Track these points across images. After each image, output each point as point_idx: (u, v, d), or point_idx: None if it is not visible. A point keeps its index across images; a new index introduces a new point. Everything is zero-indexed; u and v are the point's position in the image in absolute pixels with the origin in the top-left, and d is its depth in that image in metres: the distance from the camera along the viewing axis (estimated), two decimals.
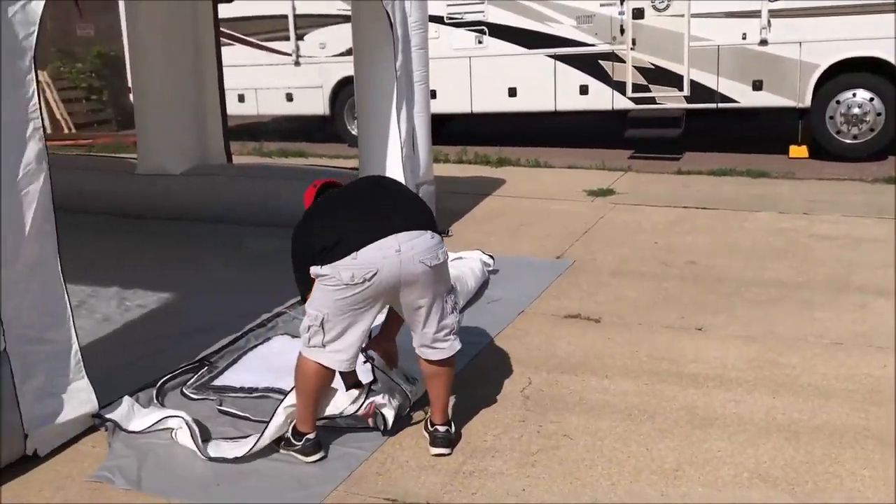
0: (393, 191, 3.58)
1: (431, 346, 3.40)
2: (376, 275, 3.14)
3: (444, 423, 3.48)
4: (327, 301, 3.22)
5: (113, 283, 5.63)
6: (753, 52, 9.53)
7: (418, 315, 3.33)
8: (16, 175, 3.31)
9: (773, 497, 3.06)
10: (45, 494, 3.24)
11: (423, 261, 3.19)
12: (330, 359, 3.30)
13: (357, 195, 3.45)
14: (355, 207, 3.35)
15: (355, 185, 3.59)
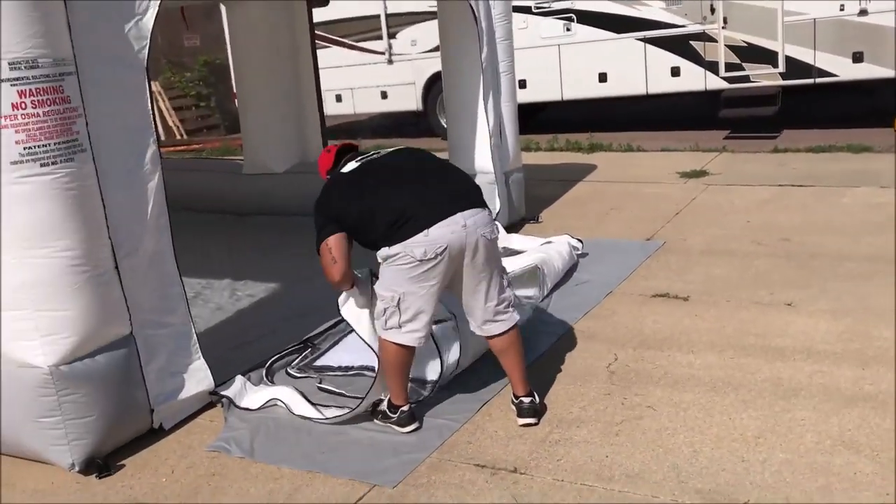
0: (441, 167, 3.74)
1: (494, 320, 3.59)
2: (446, 249, 3.35)
3: (528, 394, 3.65)
4: (400, 280, 3.41)
5: (225, 276, 6.05)
6: (853, 24, 9.24)
7: (480, 289, 3.52)
8: (136, 175, 3.67)
9: (855, 463, 3.11)
10: (171, 462, 3.60)
11: (484, 234, 3.43)
12: (408, 338, 3.51)
13: (405, 171, 3.60)
14: (413, 185, 3.51)
15: (395, 160, 3.68)
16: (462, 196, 3.51)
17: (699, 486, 3.05)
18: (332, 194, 3.64)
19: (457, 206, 3.42)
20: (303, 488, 3.29)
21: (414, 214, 3.38)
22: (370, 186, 3.54)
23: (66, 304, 3.37)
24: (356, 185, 3.57)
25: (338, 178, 3.68)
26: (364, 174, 3.61)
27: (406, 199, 3.45)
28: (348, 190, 3.58)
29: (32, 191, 3.25)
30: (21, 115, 3.21)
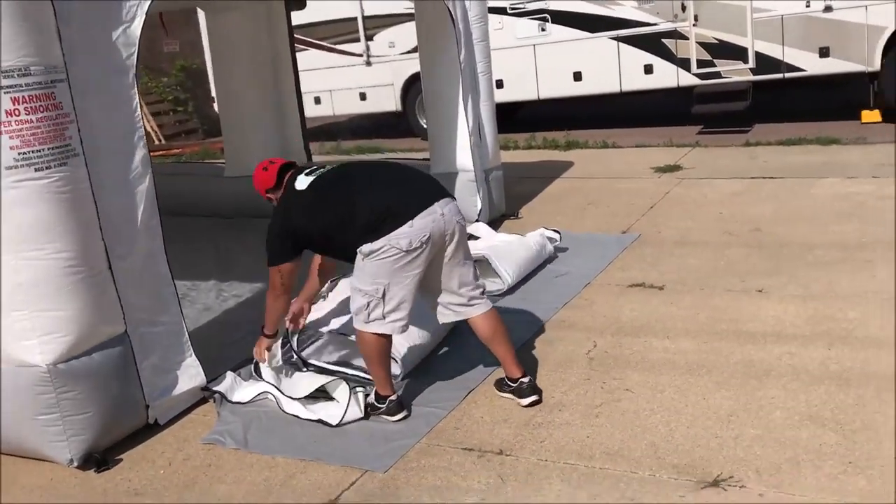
0: (401, 169, 3.90)
1: (470, 304, 3.81)
2: (429, 238, 3.56)
3: (524, 374, 3.84)
4: (384, 272, 3.57)
5: (210, 277, 6.16)
6: (818, 19, 9.49)
7: (456, 273, 3.73)
8: (126, 177, 3.78)
9: (821, 435, 3.28)
10: (167, 455, 3.72)
11: (458, 221, 3.70)
12: (391, 327, 3.67)
13: (371, 177, 3.80)
14: (387, 186, 3.71)
15: (354, 172, 3.89)
16: (433, 190, 3.74)
17: (675, 462, 3.21)
18: (293, 212, 3.80)
19: (433, 199, 3.65)
20: (297, 475, 3.42)
21: (397, 209, 3.57)
22: (338, 196, 3.70)
23: (62, 304, 3.48)
24: (320, 199, 3.74)
25: (296, 195, 3.81)
26: (325, 188, 3.77)
27: (385, 196, 3.65)
28: (315, 203, 3.74)
29: (27, 195, 3.36)
30: (15, 121, 3.32)
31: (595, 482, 3.14)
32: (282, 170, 3.97)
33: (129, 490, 3.47)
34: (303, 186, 3.80)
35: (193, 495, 3.37)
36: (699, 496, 2.98)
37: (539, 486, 3.16)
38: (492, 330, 3.83)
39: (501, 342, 3.85)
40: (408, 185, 3.75)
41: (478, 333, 3.89)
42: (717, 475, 3.08)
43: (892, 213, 6.09)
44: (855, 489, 2.93)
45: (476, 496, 3.14)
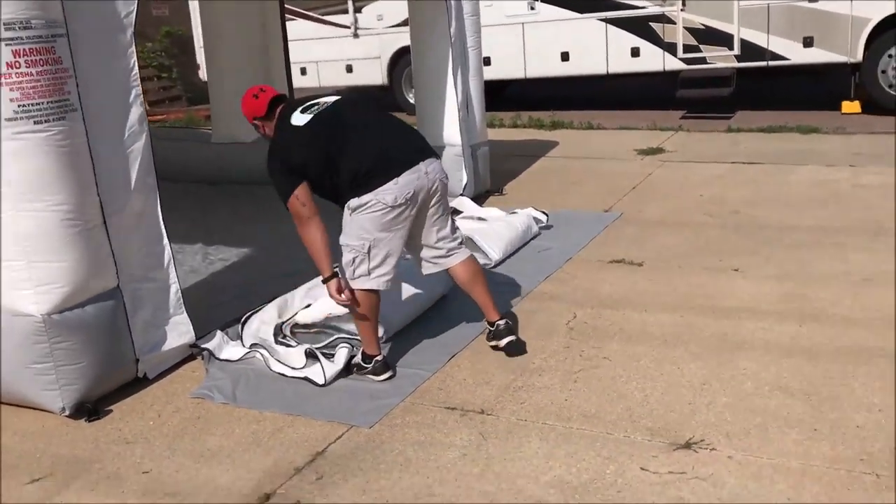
0: (391, 122, 3.97)
1: (449, 255, 4.00)
2: (414, 194, 3.72)
3: (500, 318, 4.07)
4: (371, 227, 3.70)
5: (197, 241, 6.21)
6: (804, 9, 9.63)
7: (436, 226, 3.92)
8: (122, 135, 3.84)
9: (789, 405, 3.44)
10: (157, 407, 3.81)
11: (440, 179, 3.86)
12: (376, 283, 3.79)
13: (364, 124, 3.83)
14: (376, 138, 3.79)
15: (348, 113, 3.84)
16: (420, 148, 3.88)
17: (649, 425, 3.35)
18: (293, 150, 3.80)
19: (418, 157, 3.80)
20: (285, 429, 3.52)
21: (383, 164, 3.70)
22: (331, 138, 3.74)
23: (58, 255, 3.55)
24: (317, 136, 3.75)
25: (293, 131, 3.80)
26: (321, 126, 3.77)
27: (373, 150, 3.74)
28: (312, 141, 3.75)
29: (27, 146, 3.41)
30: (15, 73, 3.37)
31: (572, 441, 3.27)
32: (273, 101, 3.95)
33: (119, 439, 3.56)
34: (300, 123, 3.79)
35: (183, 445, 3.46)
36: (671, 457, 3.12)
37: (518, 443, 3.28)
38: (470, 275, 4.03)
39: (480, 288, 4.06)
40: (396, 139, 3.85)
41: (457, 280, 4.08)
42: (688, 438, 3.23)
43: (865, 200, 6.27)
44: (819, 454, 3.08)
45: (458, 451, 3.26)
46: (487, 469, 3.12)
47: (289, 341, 4.31)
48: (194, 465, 3.31)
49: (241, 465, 3.29)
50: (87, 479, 3.26)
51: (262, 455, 3.34)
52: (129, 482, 3.22)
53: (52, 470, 3.34)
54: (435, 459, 3.21)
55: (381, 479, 3.11)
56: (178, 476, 3.24)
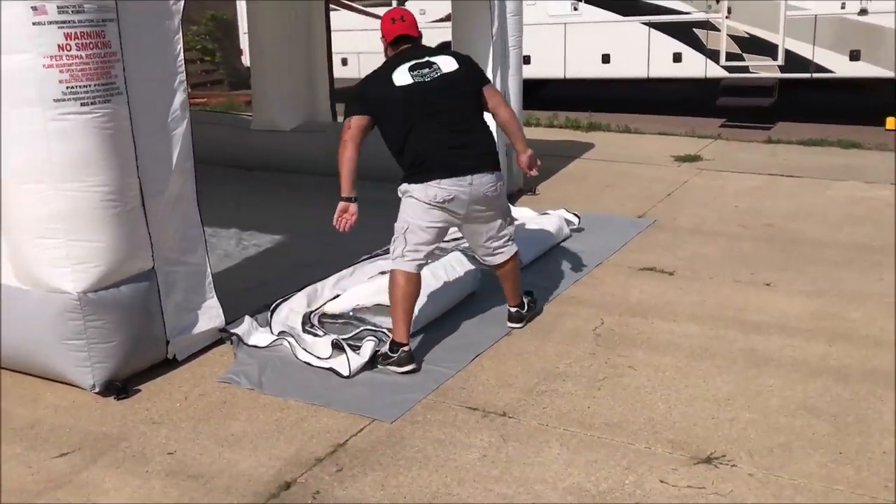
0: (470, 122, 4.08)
1: (494, 254, 4.28)
2: (454, 199, 3.95)
3: (516, 305, 4.42)
4: (411, 214, 3.99)
5: (231, 226, 6.28)
6: (852, 22, 9.48)
7: (481, 232, 4.18)
8: (165, 119, 3.90)
9: (814, 425, 3.41)
10: (184, 389, 3.87)
11: (485, 192, 4.02)
12: (409, 265, 4.00)
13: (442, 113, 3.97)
14: (443, 133, 3.96)
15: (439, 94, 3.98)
16: (479, 156, 4.05)
17: (671, 437, 3.34)
18: (376, 93, 4.02)
19: (469, 169, 3.97)
20: (308, 418, 3.57)
21: (438, 162, 3.94)
22: (413, 115, 3.96)
23: (96, 235, 3.62)
24: (405, 105, 3.96)
25: (388, 84, 3.98)
26: (411, 98, 3.96)
27: (438, 145, 3.96)
28: (397, 105, 3.97)
29: (73, 127, 3.48)
30: (66, 56, 3.44)
31: (593, 449, 3.28)
32: (400, 38, 4.14)
33: (146, 419, 3.62)
34: (399, 81, 3.98)
35: (208, 428, 3.52)
36: (691, 471, 3.12)
37: (539, 448, 3.30)
38: (504, 271, 4.35)
39: (508, 280, 4.38)
40: (463, 142, 4.00)
41: (494, 271, 4.39)
42: (710, 453, 3.22)
43: None
44: (843, 478, 3.05)
45: (478, 452, 3.28)
46: (506, 472, 3.14)
47: (316, 330, 4.36)
48: (217, 449, 3.36)
49: (263, 451, 3.33)
50: (114, 457, 3.33)
51: (284, 443, 3.39)
52: (153, 462, 3.29)
53: (81, 445, 3.42)
54: (454, 459, 3.24)
55: (399, 475, 3.14)
56: (201, 459, 3.30)
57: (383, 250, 5.51)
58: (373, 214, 4.21)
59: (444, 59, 4.10)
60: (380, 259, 5.35)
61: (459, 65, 4.10)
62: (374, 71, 4.17)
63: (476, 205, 4.02)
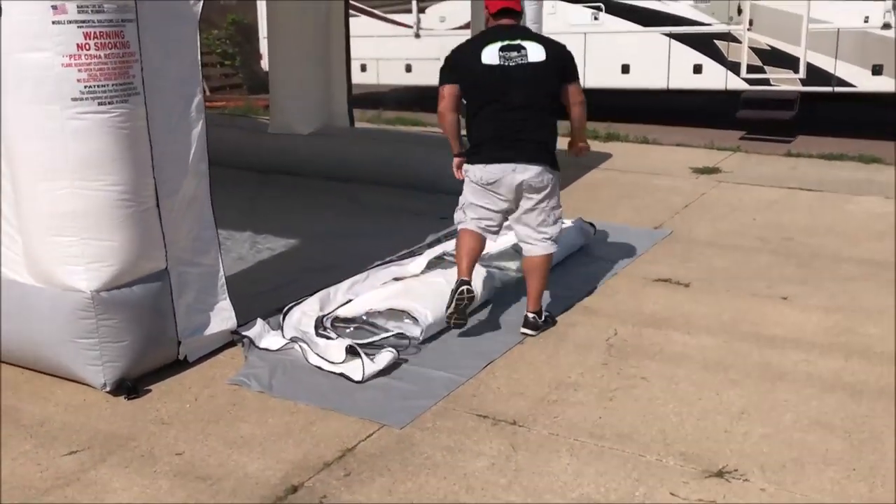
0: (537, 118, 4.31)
1: (530, 244, 4.46)
2: (496, 183, 4.30)
3: (534, 311, 4.46)
4: (468, 190, 4.44)
5: (246, 229, 6.29)
6: (875, 36, 9.41)
7: (523, 218, 4.42)
8: (180, 121, 3.91)
9: (828, 441, 3.36)
10: (194, 391, 3.87)
11: (529, 182, 4.30)
12: (471, 224, 4.42)
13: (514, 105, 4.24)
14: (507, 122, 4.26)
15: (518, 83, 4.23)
16: (526, 150, 4.30)
17: (683, 450, 3.31)
18: (465, 67, 4.30)
19: (515, 158, 4.27)
20: (317, 422, 3.56)
21: (488, 147, 4.30)
22: (489, 99, 4.28)
23: (110, 234, 3.64)
24: (485, 85, 4.28)
25: (476, 61, 4.24)
26: (492, 80, 4.24)
27: (500, 132, 4.28)
28: (478, 83, 4.29)
29: (90, 126, 3.50)
30: (85, 55, 3.46)
31: (603, 460, 3.24)
32: (502, 11, 4.36)
33: (155, 419, 3.62)
34: (486, 60, 4.24)
35: (217, 430, 3.51)
36: (702, 484, 3.08)
37: (549, 457, 3.27)
38: (531, 268, 4.49)
39: (532, 279, 4.48)
40: (523, 134, 4.27)
41: (523, 265, 4.57)
42: (722, 467, 3.17)
43: None
44: (856, 494, 3.01)
45: (487, 460, 3.25)
46: (515, 481, 3.11)
47: (329, 334, 4.35)
48: (226, 451, 3.35)
49: (271, 454, 3.32)
50: (122, 456, 3.33)
51: (292, 446, 3.38)
52: (161, 462, 3.28)
53: (90, 444, 3.42)
54: (463, 466, 3.21)
55: (407, 482, 3.12)
56: (209, 460, 3.29)
57: (397, 256, 5.55)
58: (386, 221, 4.19)
59: (534, 47, 4.28)
60: (393, 265, 5.35)
61: (547, 56, 4.28)
62: (469, 40, 4.52)
63: (519, 193, 4.31)
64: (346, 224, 6.58)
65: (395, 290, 4.68)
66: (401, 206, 6.95)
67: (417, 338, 4.27)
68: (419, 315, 4.30)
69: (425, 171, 7.33)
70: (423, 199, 7.04)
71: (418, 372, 3.99)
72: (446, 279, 4.65)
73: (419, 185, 7.31)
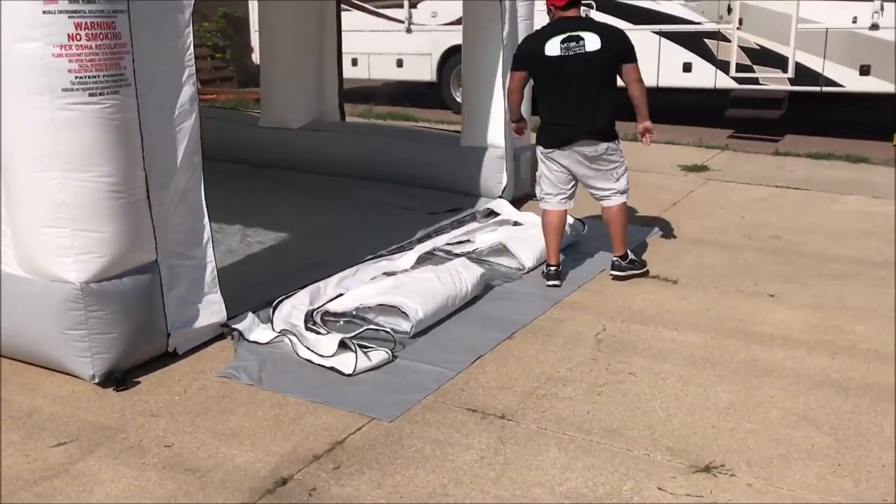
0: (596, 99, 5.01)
1: (600, 200, 5.27)
2: (565, 160, 5.09)
3: (620, 255, 5.19)
4: (541, 166, 5.20)
5: (236, 222, 6.28)
6: (863, 37, 9.46)
7: (590, 180, 5.19)
8: (172, 113, 3.90)
9: (814, 437, 3.39)
10: (183, 383, 3.87)
11: (589, 154, 5.08)
12: (546, 203, 5.21)
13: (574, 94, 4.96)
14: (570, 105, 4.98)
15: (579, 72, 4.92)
16: (584, 131, 5.02)
17: (670, 445, 3.33)
18: (530, 57, 5.06)
19: (575, 140, 5.03)
20: (306, 415, 3.56)
21: (557, 129, 5.05)
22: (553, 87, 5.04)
23: (101, 226, 3.63)
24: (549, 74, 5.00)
25: (540, 52, 4.94)
26: (555, 70, 4.95)
27: (556, 114, 5.05)
28: (544, 71, 5.03)
29: (80, 118, 3.49)
30: (76, 45, 3.44)
31: (591, 454, 3.26)
32: (568, 4, 4.97)
33: (144, 411, 3.62)
34: (550, 52, 4.92)
35: (206, 422, 3.52)
36: (690, 479, 3.10)
37: (537, 451, 3.28)
38: (610, 216, 5.23)
39: (613, 227, 5.22)
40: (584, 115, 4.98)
41: (603, 215, 5.30)
42: (709, 462, 3.20)
43: None
44: (841, 490, 3.04)
45: (475, 454, 3.27)
46: (503, 475, 3.13)
47: (319, 329, 4.36)
48: (215, 444, 3.36)
49: (260, 447, 3.33)
50: (111, 448, 3.33)
51: (282, 439, 3.38)
52: (150, 454, 3.28)
53: (78, 435, 3.41)
54: (452, 460, 3.23)
55: (396, 475, 3.14)
56: (198, 453, 3.29)
57: (388, 251, 5.55)
58: (376, 216, 4.19)
59: (591, 37, 4.90)
60: (384, 260, 5.37)
61: (602, 45, 4.90)
62: (537, 32, 5.18)
63: (583, 162, 5.06)
64: (337, 218, 6.57)
65: (386, 286, 4.69)
66: (391, 201, 6.95)
67: (408, 332, 4.28)
68: (409, 310, 4.31)
69: (416, 166, 7.34)
70: (414, 195, 7.04)
71: (408, 366, 4.00)
72: (437, 275, 4.67)
73: (410, 181, 7.31)
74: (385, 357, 4.01)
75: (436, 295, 4.49)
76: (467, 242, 5.77)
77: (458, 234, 6.01)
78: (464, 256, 5.38)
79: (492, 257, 5.48)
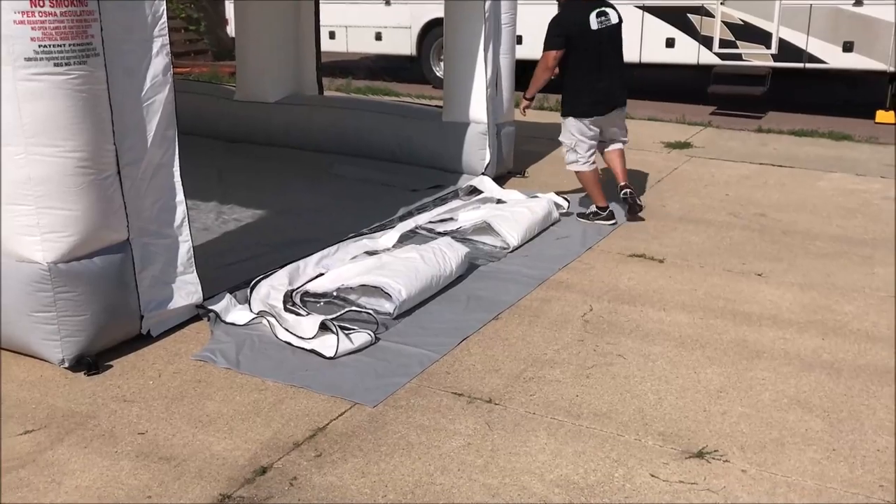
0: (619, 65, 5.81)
1: (612, 143, 5.99)
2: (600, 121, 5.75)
3: (626, 186, 5.89)
4: (575, 131, 5.75)
5: (212, 199, 6.11)
6: (847, 13, 9.37)
7: (607, 130, 5.89)
8: (144, 85, 3.72)
9: (807, 420, 3.32)
10: (158, 366, 3.73)
11: (617, 116, 5.85)
12: (583, 166, 5.82)
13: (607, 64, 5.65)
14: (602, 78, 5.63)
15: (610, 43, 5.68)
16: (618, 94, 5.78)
17: (661, 430, 3.25)
18: (574, 30, 5.53)
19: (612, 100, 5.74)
20: (286, 400, 3.44)
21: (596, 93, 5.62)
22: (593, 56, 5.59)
23: (69, 203, 3.46)
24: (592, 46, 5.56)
25: (585, 25, 5.52)
26: (596, 41, 5.56)
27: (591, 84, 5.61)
28: (587, 43, 5.55)
29: (45, 89, 3.31)
30: (39, 12, 3.25)
31: (581, 440, 3.17)
32: None
33: (117, 396, 3.48)
34: (593, 26, 5.53)
35: (182, 408, 3.38)
36: (683, 465, 3.02)
37: (525, 437, 3.19)
38: (612, 157, 6.00)
39: (616, 162, 5.99)
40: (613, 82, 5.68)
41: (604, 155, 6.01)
42: (701, 447, 3.12)
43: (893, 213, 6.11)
44: (836, 475, 2.97)
45: (462, 440, 3.17)
46: (492, 462, 3.03)
47: (298, 310, 4.22)
48: (191, 430, 3.23)
49: (238, 434, 3.20)
50: (82, 435, 3.19)
51: (261, 426, 3.26)
52: (123, 442, 3.15)
53: (47, 423, 3.27)
54: (438, 446, 3.12)
55: (381, 462, 3.03)
56: (173, 440, 3.16)
57: (369, 229, 5.41)
58: (356, 192, 4.04)
59: (611, 12, 5.66)
60: (365, 238, 5.23)
61: (620, 19, 5.71)
62: (569, 10, 5.61)
63: (613, 120, 5.83)
64: (315, 195, 6.41)
65: (368, 265, 4.56)
66: (371, 178, 6.80)
67: (391, 314, 4.16)
68: (392, 291, 4.19)
69: (395, 141, 7.18)
70: (394, 171, 6.90)
71: (391, 348, 3.88)
72: (420, 254, 4.55)
73: (390, 156, 7.16)
74: (367, 339, 3.89)
75: (419, 275, 4.37)
76: (450, 220, 5.64)
77: (441, 211, 5.88)
78: (448, 235, 5.26)
79: (476, 236, 5.36)
